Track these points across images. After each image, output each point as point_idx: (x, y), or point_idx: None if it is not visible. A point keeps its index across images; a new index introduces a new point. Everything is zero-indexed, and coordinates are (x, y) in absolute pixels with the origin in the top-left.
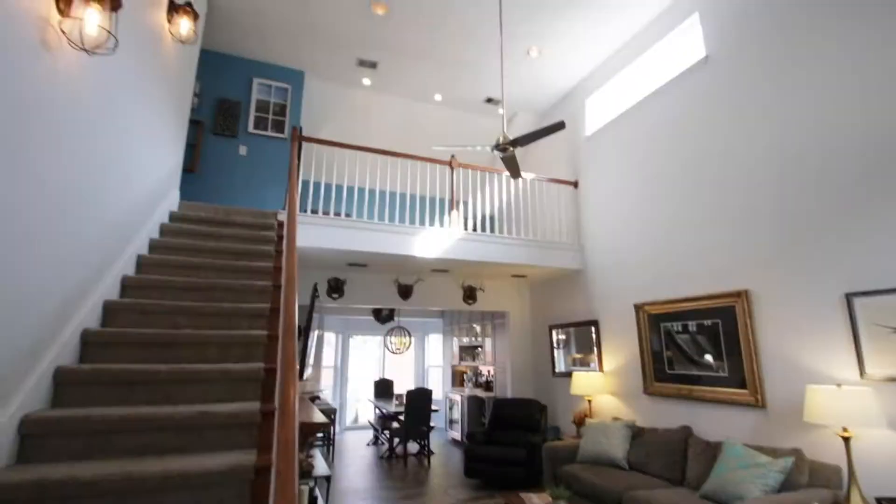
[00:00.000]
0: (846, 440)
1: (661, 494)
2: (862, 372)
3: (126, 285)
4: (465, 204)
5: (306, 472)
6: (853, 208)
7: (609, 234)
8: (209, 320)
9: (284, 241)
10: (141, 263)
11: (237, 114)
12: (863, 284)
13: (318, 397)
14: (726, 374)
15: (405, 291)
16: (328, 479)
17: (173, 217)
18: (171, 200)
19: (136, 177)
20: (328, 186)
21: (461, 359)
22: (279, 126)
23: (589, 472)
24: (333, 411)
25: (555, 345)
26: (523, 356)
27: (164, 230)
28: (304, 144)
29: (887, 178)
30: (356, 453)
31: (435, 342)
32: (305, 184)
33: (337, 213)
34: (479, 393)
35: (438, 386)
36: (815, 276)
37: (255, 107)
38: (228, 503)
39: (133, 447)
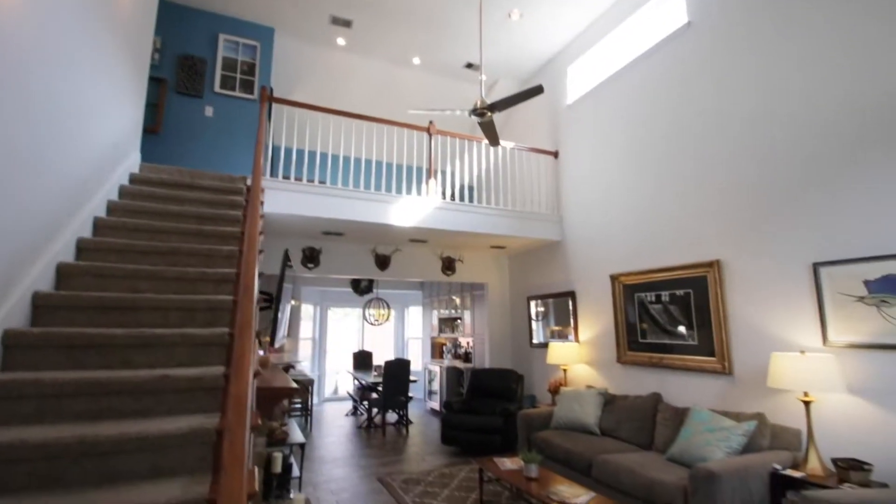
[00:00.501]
0: (807, 404)
1: (629, 458)
2: (825, 339)
3: (81, 248)
4: (444, 173)
5: (280, 440)
6: (823, 180)
7: (588, 204)
8: (172, 285)
9: (249, 202)
10: (98, 226)
11: (202, 72)
12: (829, 254)
13: (292, 366)
14: (696, 343)
15: (383, 262)
16: (302, 446)
17: (134, 179)
18: (132, 161)
19: (90, 132)
20: (301, 153)
21: (440, 331)
22: (248, 86)
23: (561, 438)
24: (310, 382)
25: (533, 317)
26: (501, 327)
27: (123, 192)
28: (275, 107)
29: (856, 152)
30: (334, 423)
31: (414, 314)
32: (277, 149)
33: (310, 180)
34: (458, 364)
35: (418, 357)
36: (785, 246)
37: (222, 65)
38: (190, 465)
39: (88, 411)
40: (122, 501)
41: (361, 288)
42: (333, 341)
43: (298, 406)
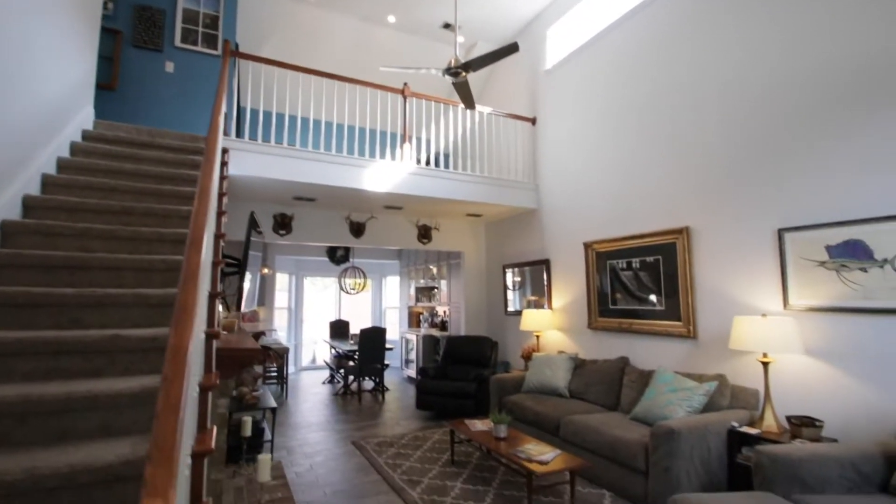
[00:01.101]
0: (765, 365)
1: (595, 418)
2: (786, 303)
3: (28, 205)
4: (419, 140)
5: (251, 405)
6: (790, 148)
7: (564, 171)
8: (127, 245)
9: (206, 153)
10: (46, 183)
11: (161, 24)
12: (794, 220)
13: (263, 334)
14: (663, 308)
15: (357, 229)
16: (274, 410)
17: (87, 136)
18: (84, 118)
19: (31, 81)
20: (269, 115)
21: (418, 300)
22: (211, 41)
23: (532, 401)
24: (285, 350)
25: (509, 286)
26: (477, 295)
27: (75, 149)
28: (242, 67)
29: (822, 121)
30: (311, 391)
31: (392, 284)
32: (244, 111)
33: (279, 144)
34: (435, 332)
35: (395, 327)
36: (752, 213)
37: (182, 17)
38: (143, 424)
39: (35, 371)
40: (71, 460)
41: (338, 257)
42: (310, 311)
43: (274, 374)
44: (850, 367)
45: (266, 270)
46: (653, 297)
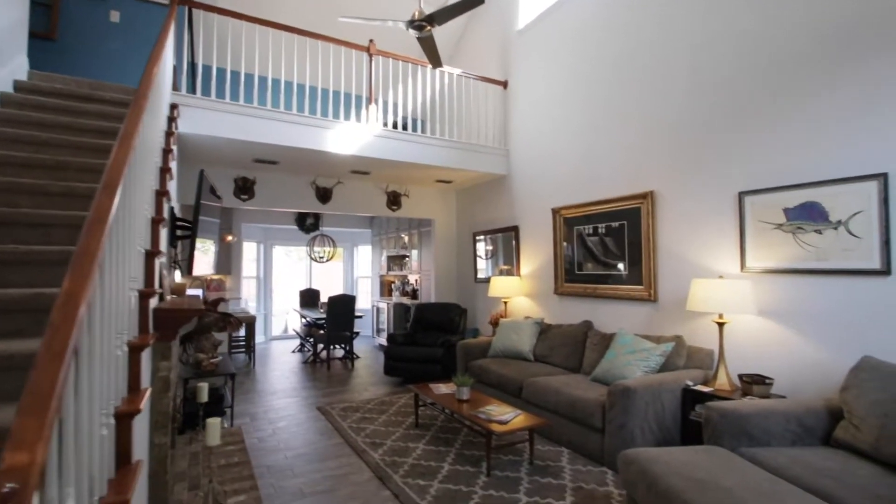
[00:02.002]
0: (721, 326)
1: (557, 379)
2: (743, 265)
3: None
4: (386, 103)
5: (209, 371)
6: (754, 111)
7: (535, 136)
8: (57, 201)
9: (137, 93)
10: None
11: None
12: (754, 183)
13: (223, 300)
14: (627, 272)
15: (324, 195)
16: (233, 376)
17: (19, 87)
18: (16, 67)
19: None
20: (222, 71)
21: (389, 269)
22: None
23: (497, 364)
24: (252, 319)
25: (481, 255)
26: (447, 263)
27: (5, 101)
28: (195, 18)
29: (782, 83)
30: (280, 359)
31: (364, 253)
32: (195, 67)
33: (234, 101)
34: (406, 301)
35: (368, 296)
36: (715, 176)
37: None
38: None
39: None
40: None
41: (307, 225)
42: (282, 281)
43: (242, 343)
44: (801, 327)
45: (230, 238)
46: (617, 263)
